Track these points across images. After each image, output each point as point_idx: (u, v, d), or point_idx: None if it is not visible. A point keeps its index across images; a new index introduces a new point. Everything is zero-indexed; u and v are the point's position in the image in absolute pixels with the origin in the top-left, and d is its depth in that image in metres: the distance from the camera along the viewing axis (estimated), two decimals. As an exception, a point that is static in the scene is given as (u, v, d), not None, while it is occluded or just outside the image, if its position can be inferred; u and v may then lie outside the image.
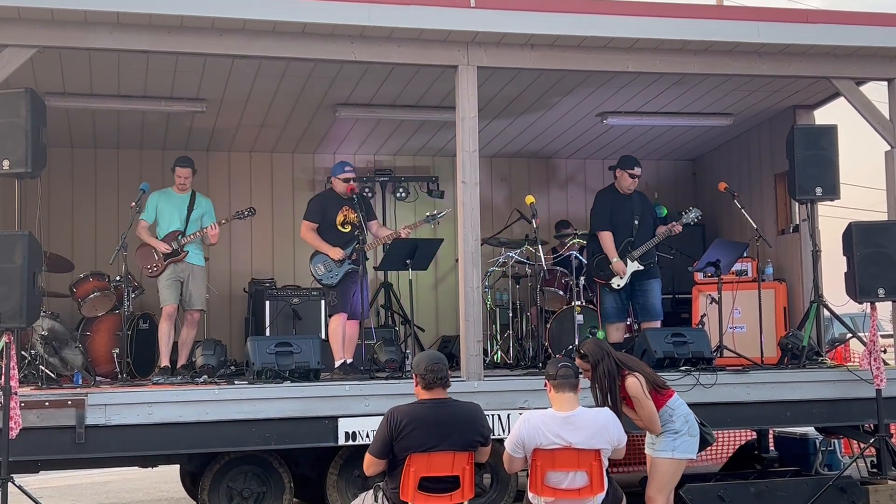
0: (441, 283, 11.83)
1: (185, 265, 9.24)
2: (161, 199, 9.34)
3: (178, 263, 9.22)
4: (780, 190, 11.06)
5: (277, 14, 7.90)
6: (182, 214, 9.33)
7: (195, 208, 9.39)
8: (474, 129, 8.45)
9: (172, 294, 9.17)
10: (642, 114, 10.72)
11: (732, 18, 9.05)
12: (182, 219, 9.32)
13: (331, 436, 7.79)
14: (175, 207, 9.34)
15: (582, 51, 8.64)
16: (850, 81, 9.22)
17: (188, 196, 9.41)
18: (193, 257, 9.29)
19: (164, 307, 9.17)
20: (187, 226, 9.31)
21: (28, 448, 7.21)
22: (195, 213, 9.37)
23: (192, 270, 9.28)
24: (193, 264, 9.29)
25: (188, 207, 9.36)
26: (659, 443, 6.63)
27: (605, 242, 9.53)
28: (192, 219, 9.34)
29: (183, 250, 9.21)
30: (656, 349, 8.60)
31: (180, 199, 9.39)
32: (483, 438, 5.97)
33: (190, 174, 9.38)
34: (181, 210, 9.34)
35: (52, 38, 7.74)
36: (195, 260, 9.32)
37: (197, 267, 9.33)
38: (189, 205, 9.37)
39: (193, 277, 9.27)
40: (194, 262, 9.30)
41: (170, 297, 9.16)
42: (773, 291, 10.52)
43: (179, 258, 9.21)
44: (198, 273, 9.33)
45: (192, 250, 9.27)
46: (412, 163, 12.19)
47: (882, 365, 8.49)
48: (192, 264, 9.27)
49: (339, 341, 9.01)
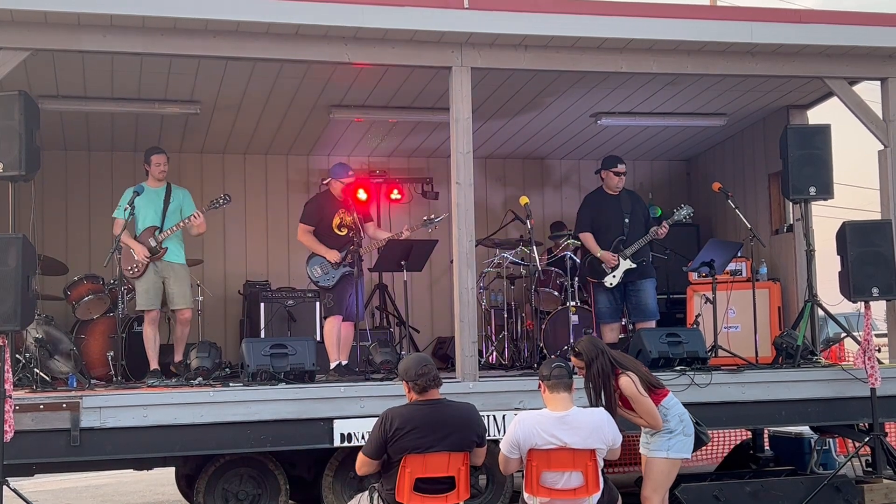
0: (436, 284, 11.84)
1: (165, 264, 8.97)
2: (134, 194, 8.93)
3: (158, 262, 8.94)
4: (773, 190, 11.09)
5: (271, 16, 7.90)
6: (158, 208, 9.02)
7: (171, 200, 9.08)
8: (468, 130, 8.46)
9: (152, 298, 8.93)
10: (636, 114, 10.73)
11: (725, 19, 9.06)
12: (158, 213, 9.00)
13: (326, 437, 7.78)
14: (150, 202, 9.01)
15: (575, 52, 8.66)
16: (844, 81, 9.24)
17: (163, 189, 9.10)
18: (173, 255, 9.00)
19: (146, 312, 8.95)
20: (164, 220, 9.01)
21: (23, 451, 7.20)
22: (172, 205, 9.07)
23: (174, 269, 9.00)
24: (173, 263, 9.00)
25: (164, 200, 9.06)
26: (654, 442, 6.64)
27: (586, 242, 9.63)
28: (170, 212, 9.04)
29: (162, 247, 8.93)
30: (651, 349, 8.61)
31: (155, 193, 9.05)
32: (478, 439, 5.98)
33: (166, 161, 9.08)
34: (157, 204, 9.03)
35: (46, 40, 7.73)
36: (175, 258, 9.02)
37: (177, 265, 9.04)
38: (165, 198, 9.07)
39: (175, 276, 9.00)
40: (174, 261, 9.01)
41: (150, 302, 8.93)
42: (768, 291, 10.54)
43: (158, 256, 8.92)
44: (179, 272, 9.05)
45: (171, 247, 8.98)
46: (406, 164, 12.19)
47: (876, 364, 8.50)
48: (171, 263, 8.98)
49: (334, 343, 9.01)
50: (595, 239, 9.61)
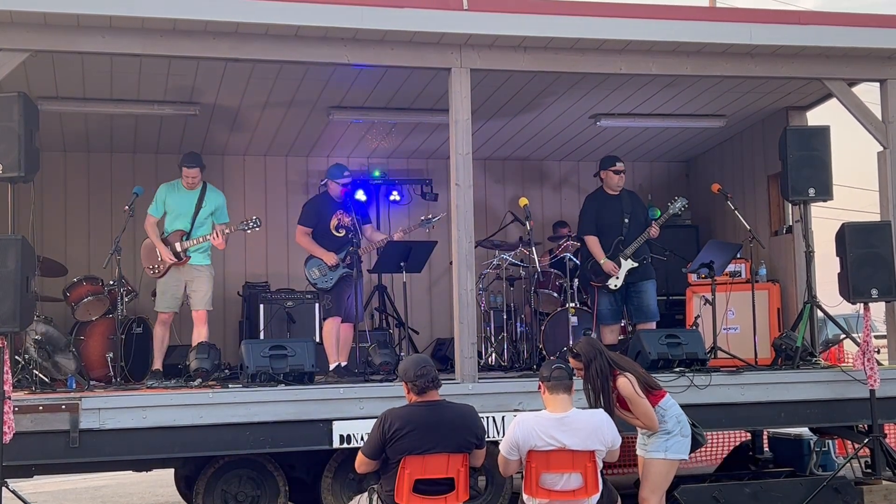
0: (435, 285, 11.83)
1: (189, 268, 8.96)
2: (169, 192, 9.01)
3: (181, 267, 8.96)
4: (773, 191, 11.09)
5: (270, 17, 7.90)
6: (189, 212, 8.98)
7: (204, 205, 9.02)
8: (468, 131, 8.46)
9: (169, 301, 8.94)
10: (635, 115, 10.73)
11: (724, 20, 9.07)
12: (189, 217, 8.98)
13: (325, 439, 7.78)
14: (182, 204, 9.00)
15: (575, 53, 8.66)
16: (843, 82, 9.24)
17: (197, 192, 9.04)
18: (197, 259, 8.98)
19: (160, 313, 8.97)
20: (193, 226, 8.99)
21: (22, 452, 7.19)
22: (204, 210, 9.01)
23: (198, 271, 8.97)
24: (196, 265, 8.97)
25: (196, 205, 9.01)
26: (651, 444, 6.64)
27: (591, 246, 9.61)
28: (200, 218, 8.99)
29: (186, 255, 8.93)
30: (650, 350, 8.62)
31: (189, 196, 9.03)
32: (477, 440, 5.98)
33: (198, 173, 9.01)
34: (188, 208, 8.99)
35: (45, 41, 7.73)
36: (199, 261, 8.99)
37: (202, 267, 9.00)
38: (198, 201, 9.01)
39: (198, 278, 8.97)
40: (198, 263, 8.99)
41: (166, 305, 8.95)
42: (767, 292, 10.54)
43: (182, 262, 8.93)
44: (202, 273, 9.01)
45: (194, 254, 8.97)
46: (406, 165, 12.19)
47: (875, 365, 8.50)
48: (194, 266, 8.96)
49: (333, 344, 9.01)
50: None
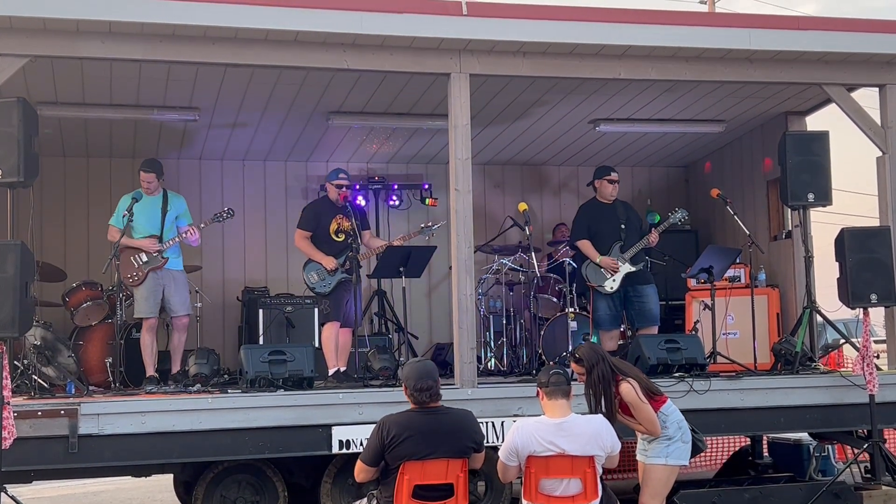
0: (434, 290, 11.83)
1: (165, 272, 8.98)
2: (133, 201, 8.93)
3: (159, 271, 8.97)
4: (772, 196, 11.09)
5: (270, 22, 7.90)
6: (157, 217, 9.03)
7: (169, 209, 9.09)
8: (467, 136, 8.46)
9: (152, 306, 8.93)
10: (634, 121, 10.74)
11: (724, 25, 9.06)
12: (157, 222, 9.02)
13: (324, 444, 7.78)
14: (147, 211, 9.02)
15: (574, 58, 8.66)
16: (842, 88, 9.24)
17: (160, 198, 9.10)
18: (172, 263, 9.04)
19: (145, 319, 8.96)
20: (163, 230, 9.02)
21: (21, 458, 7.18)
22: (169, 214, 9.08)
23: (173, 276, 9.03)
24: (173, 270, 9.03)
25: (162, 209, 9.06)
26: (652, 449, 6.64)
27: (585, 249, 9.57)
28: (168, 220, 9.05)
29: (163, 257, 8.96)
30: (650, 355, 8.60)
31: (152, 202, 9.05)
32: (476, 445, 5.97)
33: (154, 179, 9.03)
34: (154, 213, 9.03)
35: (45, 47, 7.73)
36: (174, 265, 9.06)
37: (177, 272, 9.07)
38: (162, 206, 9.07)
39: (175, 283, 9.03)
40: (174, 268, 9.05)
41: (149, 310, 8.94)
42: (766, 297, 10.54)
43: (159, 265, 8.95)
44: (178, 278, 9.08)
45: (171, 256, 9.02)
46: (405, 170, 12.20)
47: (875, 370, 8.50)
48: (171, 270, 9.02)
49: (332, 349, 9.00)
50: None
